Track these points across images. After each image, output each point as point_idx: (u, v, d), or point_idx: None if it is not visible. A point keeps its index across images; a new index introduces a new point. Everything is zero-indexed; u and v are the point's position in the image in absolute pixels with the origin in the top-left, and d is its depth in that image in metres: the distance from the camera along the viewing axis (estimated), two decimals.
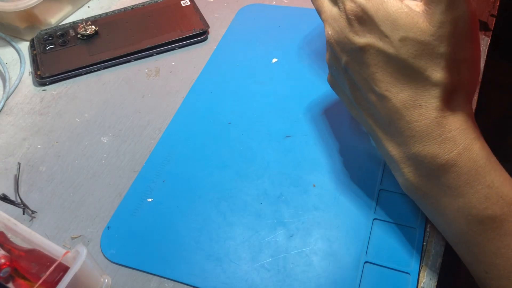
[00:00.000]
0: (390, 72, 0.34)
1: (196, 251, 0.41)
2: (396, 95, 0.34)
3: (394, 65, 0.34)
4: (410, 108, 0.34)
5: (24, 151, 0.51)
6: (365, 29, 0.34)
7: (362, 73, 0.36)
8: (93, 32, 0.60)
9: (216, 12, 0.64)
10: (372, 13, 0.34)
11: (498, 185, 0.33)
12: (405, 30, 0.32)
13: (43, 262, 0.37)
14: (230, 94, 0.54)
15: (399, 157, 0.36)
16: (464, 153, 0.33)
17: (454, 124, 0.34)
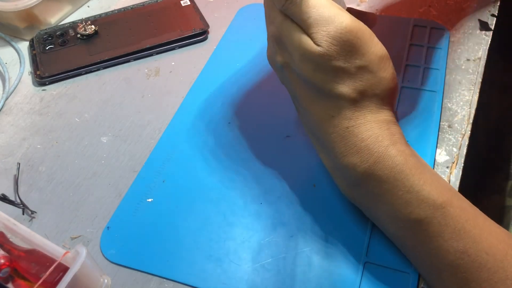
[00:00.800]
0: (305, 88, 0.37)
1: (196, 251, 0.41)
2: (314, 108, 0.36)
3: (304, 82, 0.36)
4: (326, 120, 0.36)
5: (23, 151, 0.51)
6: (282, 49, 0.37)
7: (290, 88, 0.39)
8: (93, 32, 0.60)
9: (216, 12, 0.64)
10: (283, 35, 0.36)
11: (418, 189, 0.34)
12: (300, 50, 0.35)
13: (42, 262, 0.37)
14: (230, 94, 0.54)
15: (329, 167, 0.39)
16: (379, 161, 0.34)
17: (366, 133, 0.35)
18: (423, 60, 0.53)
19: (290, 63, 0.37)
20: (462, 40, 0.55)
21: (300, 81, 0.37)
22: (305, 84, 0.36)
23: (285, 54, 0.37)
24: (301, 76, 0.36)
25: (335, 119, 0.35)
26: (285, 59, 0.37)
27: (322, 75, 0.35)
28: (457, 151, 0.46)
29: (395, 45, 0.55)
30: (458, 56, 0.54)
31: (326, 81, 0.35)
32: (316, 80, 0.35)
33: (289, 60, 0.37)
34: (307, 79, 0.35)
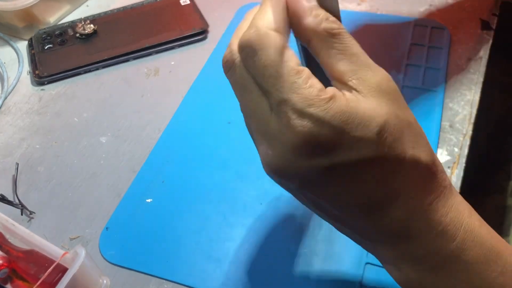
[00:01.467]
0: (367, 178, 0.27)
1: (196, 252, 0.41)
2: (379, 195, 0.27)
3: (378, 166, 0.26)
4: (401, 203, 0.28)
5: (22, 151, 0.50)
6: (328, 147, 0.26)
7: (328, 195, 0.28)
8: (92, 31, 0.60)
9: (216, 11, 0.64)
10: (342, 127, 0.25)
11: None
12: (359, 130, 0.26)
13: (41, 263, 0.37)
14: (230, 94, 0.53)
15: (394, 257, 0.30)
16: (467, 238, 0.28)
17: (449, 201, 0.28)
18: (424, 60, 0.53)
19: (342, 158, 0.26)
20: (463, 40, 0.55)
21: (353, 174, 0.27)
22: (367, 173, 0.27)
23: (336, 150, 0.26)
24: (364, 160, 0.26)
25: (414, 199, 0.27)
26: (332, 160, 0.26)
27: (402, 144, 0.26)
28: (459, 151, 0.45)
29: (396, 44, 0.55)
30: (459, 55, 0.53)
31: (405, 150, 0.27)
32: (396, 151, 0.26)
33: (340, 157, 0.26)
34: (381, 156, 0.26)
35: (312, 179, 0.27)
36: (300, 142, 0.25)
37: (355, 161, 0.25)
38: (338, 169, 0.26)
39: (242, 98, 0.28)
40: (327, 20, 0.27)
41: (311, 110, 0.25)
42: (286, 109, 0.25)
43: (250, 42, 0.27)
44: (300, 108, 0.25)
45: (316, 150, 0.25)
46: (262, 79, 0.26)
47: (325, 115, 0.25)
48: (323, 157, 0.25)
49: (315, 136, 0.25)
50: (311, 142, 0.25)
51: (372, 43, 0.55)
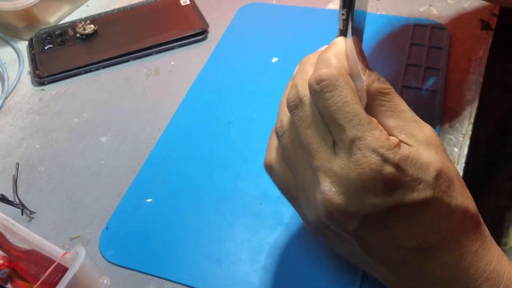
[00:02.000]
0: (424, 220, 0.28)
1: (196, 252, 0.41)
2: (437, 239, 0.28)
3: (434, 209, 0.28)
4: (454, 248, 0.29)
5: (22, 151, 0.51)
6: (393, 186, 0.27)
7: (384, 236, 0.29)
8: (92, 31, 0.60)
9: (216, 11, 0.64)
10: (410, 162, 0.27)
11: None
12: (437, 168, 0.28)
13: (41, 263, 0.37)
14: (230, 94, 0.54)
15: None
16: (510, 284, 0.29)
17: (492, 249, 0.30)
18: (424, 60, 0.53)
19: (408, 197, 0.27)
20: (463, 40, 0.55)
21: (416, 215, 0.28)
22: (427, 214, 0.28)
23: (401, 188, 0.27)
24: (428, 201, 0.27)
25: (463, 247, 0.29)
26: (397, 198, 0.27)
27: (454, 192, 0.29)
28: (458, 151, 0.46)
29: (395, 44, 0.55)
30: (459, 55, 0.53)
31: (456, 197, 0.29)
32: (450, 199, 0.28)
33: (405, 195, 0.27)
34: (439, 199, 0.28)
35: (375, 218, 0.28)
36: (369, 178, 0.26)
37: (416, 201, 0.27)
38: (400, 209, 0.27)
39: (305, 136, 0.29)
40: (379, 80, 0.29)
41: (382, 150, 0.26)
42: (360, 146, 0.27)
43: (333, 76, 0.28)
44: (374, 147, 0.26)
45: (383, 187, 0.27)
46: (338, 115, 0.27)
47: (394, 157, 0.26)
48: (388, 195, 0.27)
49: (384, 174, 0.26)
50: (380, 178, 0.26)
51: (372, 43, 0.55)
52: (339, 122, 0.27)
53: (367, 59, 0.30)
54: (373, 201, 0.27)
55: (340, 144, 0.28)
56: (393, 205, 0.27)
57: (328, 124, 0.28)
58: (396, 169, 0.26)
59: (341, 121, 0.27)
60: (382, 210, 0.27)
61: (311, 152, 0.29)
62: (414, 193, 0.27)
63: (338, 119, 0.27)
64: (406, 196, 0.27)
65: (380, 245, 0.29)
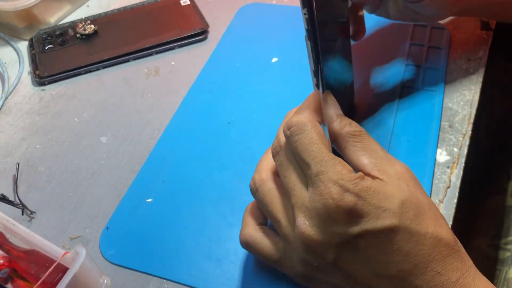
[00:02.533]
0: (394, 248, 0.30)
1: (196, 252, 0.41)
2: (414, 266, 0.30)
3: (403, 236, 0.29)
4: (430, 275, 0.30)
5: (23, 151, 0.51)
6: (356, 214, 0.29)
7: (362, 264, 0.30)
8: (92, 31, 0.60)
9: (216, 12, 0.64)
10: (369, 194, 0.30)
11: None
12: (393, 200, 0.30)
13: (42, 263, 0.37)
14: (230, 94, 0.54)
15: None
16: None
17: (475, 281, 0.30)
18: (423, 60, 0.53)
19: (374, 225, 0.29)
20: (463, 40, 0.55)
21: (386, 243, 0.30)
22: (402, 242, 0.30)
23: (365, 217, 0.29)
24: (401, 228, 0.29)
25: (442, 275, 0.29)
26: (363, 226, 0.29)
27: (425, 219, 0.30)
28: (458, 151, 0.46)
29: (395, 44, 0.55)
30: (459, 55, 0.53)
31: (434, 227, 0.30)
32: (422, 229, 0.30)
33: (371, 223, 0.29)
34: (405, 227, 0.30)
35: (347, 246, 0.30)
36: (332, 208, 0.29)
37: (382, 228, 0.29)
38: (368, 236, 0.29)
39: (284, 177, 0.33)
40: (350, 124, 0.33)
41: (342, 182, 0.29)
42: (323, 179, 0.29)
43: (300, 122, 0.32)
44: (334, 179, 0.29)
45: (347, 216, 0.29)
46: (304, 154, 0.31)
47: (354, 187, 0.29)
48: (354, 223, 0.29)
49: (345, 203, 0.29)
50: (342, 207, 0.29)
51: (372, 44, 0.55)
52: (305, 160, 0.31)
53: (367, 59, 0.32)
54: (340, 230, 0.29)
55: (309, 180, 0.31)
56: (360, 232, 0.29)
57: (300, 164, 0.32)
58: (357, 198, 0.29)
59: (307, 159, 0.31)
60: (351, 237, 0.29)
61: (289, 191, 0.32)
62: (379, 221, 0.29)
63: (304, 157, 0.31)
64: (370, 223, 0.29)
65: (361, 274, 0.30)
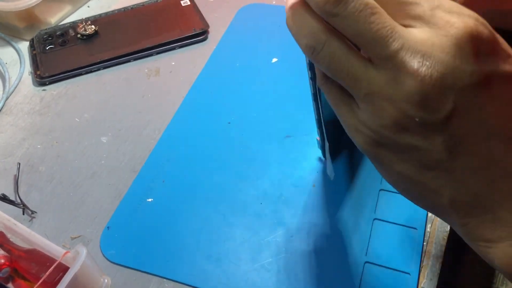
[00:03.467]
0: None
1: (196, 251, 0.41)
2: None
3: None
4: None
5: (23, 151, 0.51)
6: (489, 48, 0.24)
7: (476, 122, 0.24)
8: (93, 32, 0.60)
9: (216, 12, 0.64)
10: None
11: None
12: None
13: (43, 262, 0.37)
14: (230, 94, 0.54)
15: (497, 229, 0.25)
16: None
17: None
18: None
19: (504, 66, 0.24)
20: None
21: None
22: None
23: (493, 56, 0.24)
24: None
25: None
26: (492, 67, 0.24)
27: None
28: None
29: None
30: None
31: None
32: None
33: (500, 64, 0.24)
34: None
35: (469, 93, 0.23)
36: (465, 40, 0.23)
37: (509, 74, 0.24)
38: (494, 82, 0.24)
39: (370, 20, 0.24)
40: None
41: (469, 12, 0.24)
42: (443, 10, 0.24)
43: None
44: (458, 10, 0.24)
45: (478, 52, 0.23)
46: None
47: (482, 20, 0.24)
48: (483, 62, 0.23)
49: (481, 35, 0.23)
50: (477, 40, 0.23)
51: None
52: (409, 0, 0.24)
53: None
54: (470, 68, 0.23)
55: (417, 18, 0.24)
56: (488, 73, 0.23)
57: (395, 8, 0.24)
58: (488, 30, 0.24)
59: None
60: (478, 80, 0.23)
61: (384, 36, 0.23)
62: (506, 65, 0.24)
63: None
64: (499, 65, 0.24)
65: (471, 135, 0.24)
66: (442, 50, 0.23)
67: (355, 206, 0.43)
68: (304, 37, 0.25)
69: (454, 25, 0.23)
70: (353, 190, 0.44)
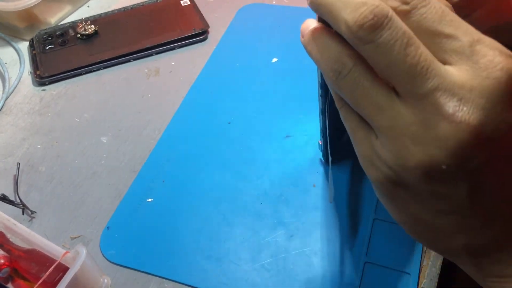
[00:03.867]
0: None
1: (196, 251, 0.41)
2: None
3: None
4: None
5: (23, 151, 0.51)
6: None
7: (507, 172, 0.23)
8: (93, 31, 0.60)
9: (216, 12, 0.64)
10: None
11: None
12: None
13: (42, 262, 0.37)
14: (230, 94, 0.54)
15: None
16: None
17: None
18: None
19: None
20: None
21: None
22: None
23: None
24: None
25: None
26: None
27: None
28: None
29: None
30: None
31: None
32: None
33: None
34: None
35: (503, 144, 0.22)
36: (510, 81, 0.21)
37: None
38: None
39: (406, 56, 0.22)
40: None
41: (507, 51, 0.21)
42: (485, 48, 0.21)
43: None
44: (499, 47, 0.21)
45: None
46: (441, 25, 0.22)
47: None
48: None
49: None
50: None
51: None
52: (445, 32, 0.22)
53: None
54: (509, 115, 0.21)
55: (455, 54, 0.22)
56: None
57: (432, 39, 0.22)
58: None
59: (448, 30, 0.22)
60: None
61: (419, 72, 0.21)
62: None
63: (443, 29, 0.22)
64: None
65: (494, 185, 0.23)
66: (483, 95, 0.21)
67: (355, 206, 0.43)
68: (328, 60, 0.24)
69: (497, 66, 0.21)
70: (353, 190, 0.44)
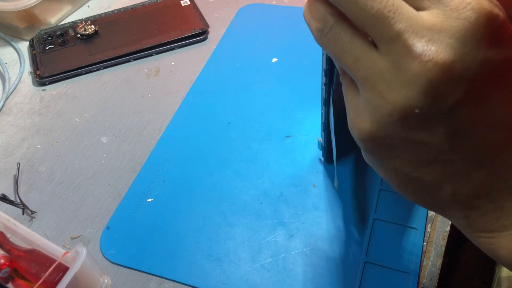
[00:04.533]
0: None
1: (196, 251, 0.41)
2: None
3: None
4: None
5: (23, 151, 0.51)
6: (502, 31, 0.22)
7: (483, 111, 0.23)
8: (93, 31, 0.60)
9: (216, 12, 0.64)
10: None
11: None
12: None
13: (42, 262, 0.37)
14: (230, 94, 0.54)
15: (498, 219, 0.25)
16: None
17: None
18: None
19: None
20: None
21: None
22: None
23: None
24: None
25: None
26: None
27: None
28: None
29: None
30: None
31: None
32: None
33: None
34: None
35: (478, 82, 0.21)
36: (479, 24, 0.21)
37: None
38: (509, 69, 0.22)
39: (373, 3, 0.22)
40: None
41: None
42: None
43: None
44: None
45: (493, 37, 0.21)
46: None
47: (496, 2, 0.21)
48: (497, 47, 0.21)
49: (496, 18, 0.21)
50: (492, 24, 0.21)
51: None
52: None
53: None
54: (482, 55, 0.21)
55: (427, 0, 0.22)
56: (502, 59, 0.21)
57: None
58: (504, 15, 0.21)
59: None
60: (491, 68, 0.21)
61: (386, 15, 0.22)
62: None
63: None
64: (509, 51, 0.21)
65: (473, 128, 0.23)
66: (452, 35, 0.21)
67: (355, 206, 0.43)
68: (314, 21, 0.25)
69: (467, 6, 0.21)
70: (353, 190, 0.44)
